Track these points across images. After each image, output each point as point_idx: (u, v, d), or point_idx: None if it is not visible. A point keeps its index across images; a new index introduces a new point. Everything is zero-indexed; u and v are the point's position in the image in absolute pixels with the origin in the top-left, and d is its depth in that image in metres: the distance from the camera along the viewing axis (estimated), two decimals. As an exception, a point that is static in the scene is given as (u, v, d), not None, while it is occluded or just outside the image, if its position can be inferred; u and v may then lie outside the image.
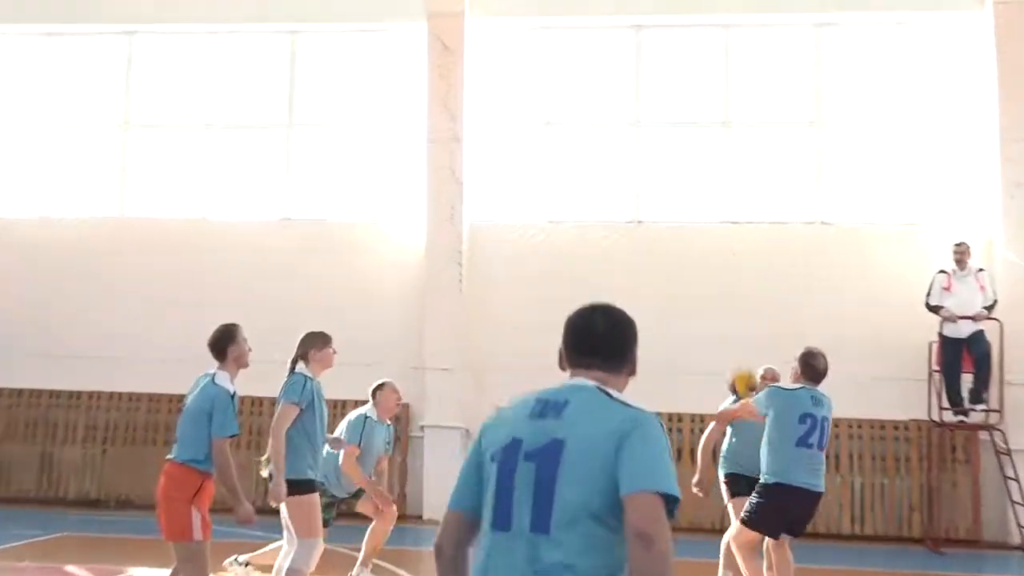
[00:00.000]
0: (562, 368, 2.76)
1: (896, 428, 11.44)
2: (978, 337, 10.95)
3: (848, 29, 12.40)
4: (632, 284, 11.38)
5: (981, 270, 11.14)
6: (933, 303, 11.01)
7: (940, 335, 11.00)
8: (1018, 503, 10.69)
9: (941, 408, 11.06)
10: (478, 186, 12.22)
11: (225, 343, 5.51)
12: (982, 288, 11.06)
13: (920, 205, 12.03)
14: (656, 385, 11.09)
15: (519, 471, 2.52)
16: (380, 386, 7.57)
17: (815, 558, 8.80)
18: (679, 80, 12.35)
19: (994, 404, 11.01)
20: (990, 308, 11.01)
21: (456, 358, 11.67)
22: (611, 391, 2.62)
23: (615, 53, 12.39)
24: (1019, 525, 10.63)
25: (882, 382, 11.35)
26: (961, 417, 11.07)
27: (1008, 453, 10.89)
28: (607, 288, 11.60)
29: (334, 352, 6.34)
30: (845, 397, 10.82)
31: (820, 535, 10.78)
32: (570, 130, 12.41)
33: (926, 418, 11.23)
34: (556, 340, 9.25)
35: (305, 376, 6.13)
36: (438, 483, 11.25)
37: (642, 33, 12.34)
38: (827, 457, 8.06)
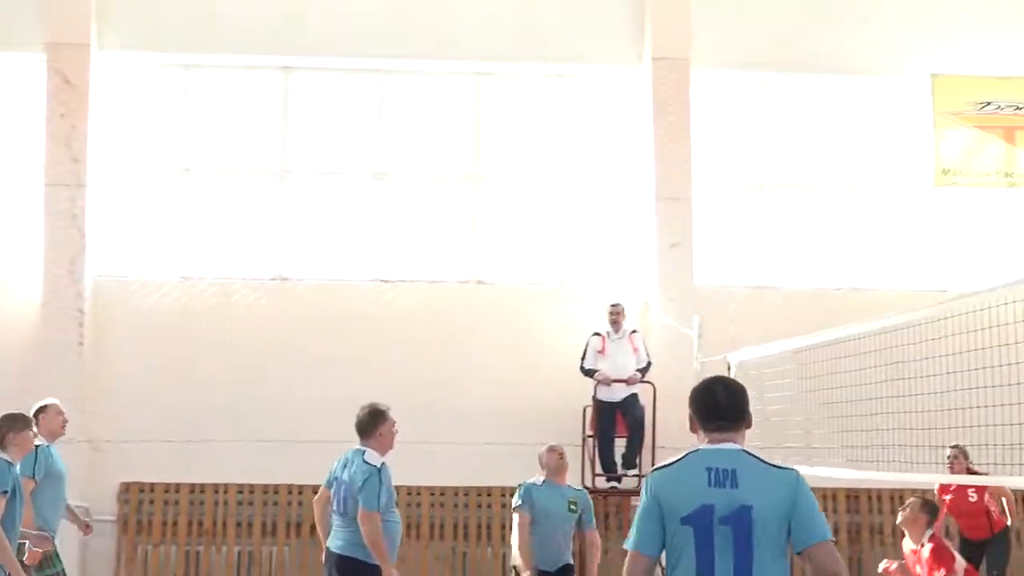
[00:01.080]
0: (692, 431, 3.73)
1: (551, 492, 11.60)
2: (632, 401, 11.32)
3: (509, 80, 12.64)
4: (276, 345, 11.45)
5: (635, 332, 11.57)
6: (587, 366, 11.33)
7: (594, 399, 11.33)
8: (668, 569, 11.03)
9: (595, 474, 11.35)
10: (104, 237, 11.59)
11: None
12: (636, 350, 11.48)
13: (577, 265, 12.41)
14: (297, 451, 11.06)
15: (717, 533, 3.48)
16: (42, 408, 7.39)
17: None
18: (331, 127, 12.18)
19: (647, 469, 11.12)
20: (644, 371, 11.40)
21: (73, 427, 10.85)
22: (755, 454, 3.68)
23: (262, 96, 12.09)
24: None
25: (536, 448, 11.50)
26: (614, 483, 11.40)
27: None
28: (249, 349, 11.40)
29: (34, 435, 6.40)
30: (499, 464, 11.39)
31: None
32: (211, 179, 11.99)
33: (579, 483, 11.26)
34: (191, 403, 9.01)
35: (6, 461, 5.96)
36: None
37: (292, 76, 12.16)
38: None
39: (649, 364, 11.42)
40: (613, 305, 11.47)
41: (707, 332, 11.05)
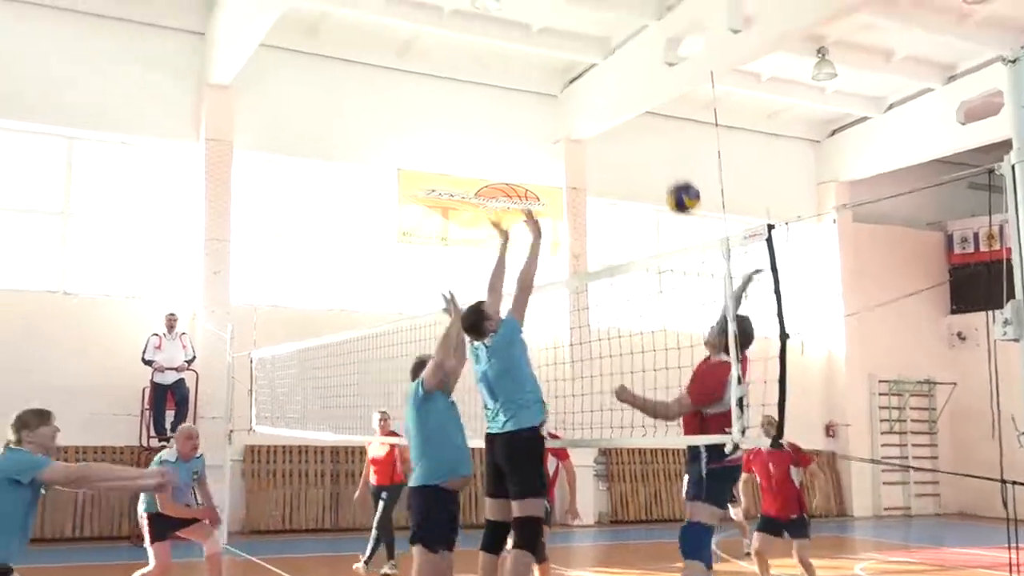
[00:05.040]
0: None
1: (116, 452, 14.37)
2: (180, 383, 14.37)
3: (95, 144, 15.42)
4: None
5: (184, 333, 14.61)
6: (147, 358, 14.17)
7: (152, 382, 14.18)
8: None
9: (150, 436, 14.20)
10: None
11: None
12: (184, 347, 14.49)
13: (143, 283, 15.31)
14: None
15: None
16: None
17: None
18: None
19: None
20: (190, 362, 14.47)
21: None
22: None
23: None
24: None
25: (109, 418, 14.28)
26: (164, 443, 13.48)
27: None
28: None
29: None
30: (82, 431, 13.78)
31: (46, 539, 13.47)
32: None
33: (137, 444, 14.36)
34: None
35: None
36: None
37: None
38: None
39: (194, 358, 14.44)
40: (170, 314, 14.46)
41: (237, 336, 13.65)
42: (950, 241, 21.96)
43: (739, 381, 5.64)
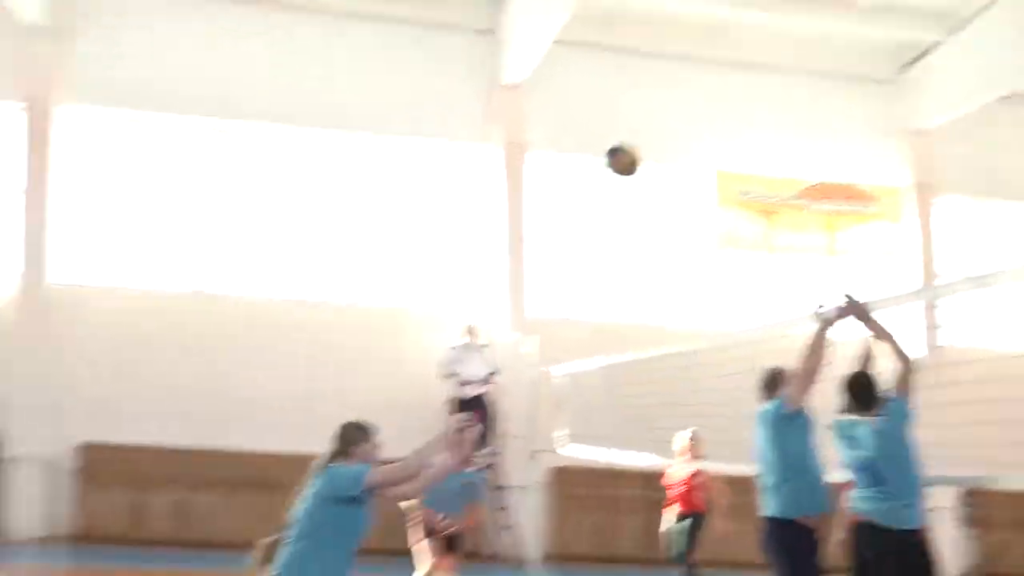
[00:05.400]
0: None
1: (424, 472, 14.01)
2: (480, 399, 13.72)
3: (399, 148, 15.18)
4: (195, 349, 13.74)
5: (486, 346, 13.97)
6: (447, 372, 13.73)
7: (456, 398, 13.60)
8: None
9: None
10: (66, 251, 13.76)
11: None
12: (486, 360, 13.88)
13: (442, 294, 14.92)
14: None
15: None
16: None
17: None
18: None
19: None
20: (492, 375, 13.86)
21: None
22: None
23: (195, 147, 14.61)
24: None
25: (413, 432, 13.80)
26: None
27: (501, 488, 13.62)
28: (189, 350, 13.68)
29: None
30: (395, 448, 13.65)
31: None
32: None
33: None
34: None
35: None
36: None
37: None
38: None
39: (496, 371, 13.81)
40: (470, 327, 13.95)
41: (536, 350, 12.65)
42: None
43: None
